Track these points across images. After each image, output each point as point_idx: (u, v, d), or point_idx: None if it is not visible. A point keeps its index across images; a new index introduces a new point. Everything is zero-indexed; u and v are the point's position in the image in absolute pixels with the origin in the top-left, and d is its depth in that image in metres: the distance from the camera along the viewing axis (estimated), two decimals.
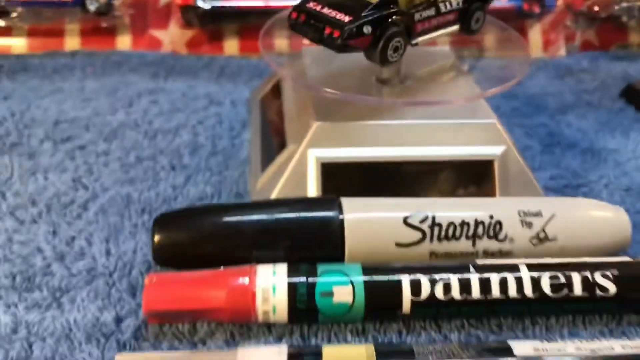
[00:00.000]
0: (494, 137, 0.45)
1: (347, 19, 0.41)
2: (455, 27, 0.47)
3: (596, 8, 0.74)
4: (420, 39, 0.45)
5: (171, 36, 0.72)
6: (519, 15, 0.71)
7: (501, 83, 0.47)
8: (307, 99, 0.47)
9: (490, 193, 0.44)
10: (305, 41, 0.45)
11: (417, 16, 0.44)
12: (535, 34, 0.75)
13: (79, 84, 0.63)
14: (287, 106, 0.50)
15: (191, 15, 0.68)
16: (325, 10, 0.42)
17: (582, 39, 0.76)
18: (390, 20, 0.42)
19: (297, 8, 0.44)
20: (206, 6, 0.67)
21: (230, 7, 0.67)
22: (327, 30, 0.41)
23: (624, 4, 0.71)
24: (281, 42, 0.61)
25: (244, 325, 0.36)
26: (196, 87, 0.64)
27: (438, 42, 0.54)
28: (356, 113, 0.45)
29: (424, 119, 0.45)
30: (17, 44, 0.71)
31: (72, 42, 0.72)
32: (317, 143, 0.43)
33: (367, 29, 0.41)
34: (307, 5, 0.43)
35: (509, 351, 0.31)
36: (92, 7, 0.67)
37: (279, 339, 0.35)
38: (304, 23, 0.43)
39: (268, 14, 0.52)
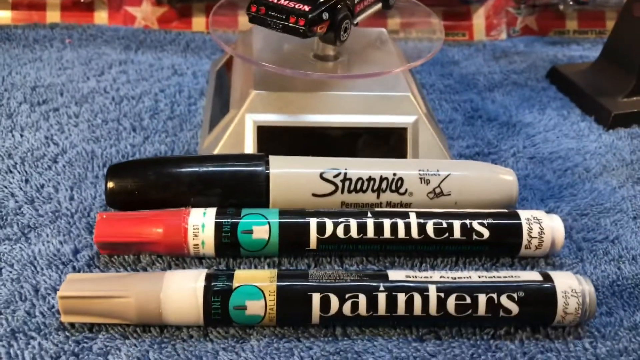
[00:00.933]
0: (408, 108, 0.52)
1: (306, 7, 0.47)
2: (379, 5, 0.54)
3: None
4: (359, 18, 0.52)
5: (144, 13, 0.78)
6: (462, 1, 0.78)
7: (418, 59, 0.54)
8: (250, 72, 0.54)
9: (403, 157, 0.51)
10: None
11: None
12: (479, 18, 0.81)
13: (57, 54, 0.70)
14: (235, 77, 0.57)
15: None
16: (283, 2, 0.48)
17: (522, 24, 0.83)
18: (340, 5, 0.48)
19: (255, 1, 0.48)
20: None
21: None
22: (292, 20, 0.47)
23: None
24: (233, 20, 0.68)
25: (179, 257, 0.43)
26: (163, 59, 0.71)
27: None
28: (290, 85, 0.52)
29: (347, 91, 0.52)
30: (2, 15, 0.78)
31: (53, 16, 0.78)
32: (254, 109, 0.50)
33: (325, 15, 0.47)
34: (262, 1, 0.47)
35: (384, 277, 0.39)
36: None
37: (207, 269, 0.43)
38: (265, 15, 0.48)
39: None
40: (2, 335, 0.37)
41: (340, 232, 0.43)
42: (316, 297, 0.38)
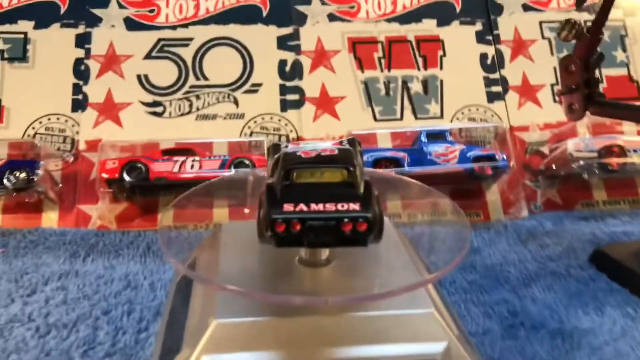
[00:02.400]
0: (433, 330, 0.37)
1: (357, 206, 0.34)
2: None
3: (554, 166, 0.70)
4: None
5: (100, 211, 0.67)
6: (471, 178, 0.67)
7: (445, 259, 0.40)
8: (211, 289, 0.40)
9: None
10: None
11: None
12: (493, 195, 0.70)
13: None
14: (194, 294, 0.43)
15: (118, 189, 0.63)
16: (317, 206, 0.34)
17: (544, 197, 0.71)
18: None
19: (280, 219, 0.33)
20: (132, 179, 0.62)
21: (159, 179, 0.62)
22: (347, 227, 0.33)
23: (581, 162, 0.67)
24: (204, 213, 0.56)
25: None
26: (116, 267, 0.57)
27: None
28: (267, 308, 0.38)
29: (345, 311, 0.37)
30: None
31: None
32: (215, 347, 0.35)
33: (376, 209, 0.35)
34: (288, 209, 0.33)
35: None
36: (9, 184, 0.62)
37: None
38: (303, 231, 0.33)
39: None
40: None
41: None
42: None
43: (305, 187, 0.36)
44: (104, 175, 0.62)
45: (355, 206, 0.34)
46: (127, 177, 0.62)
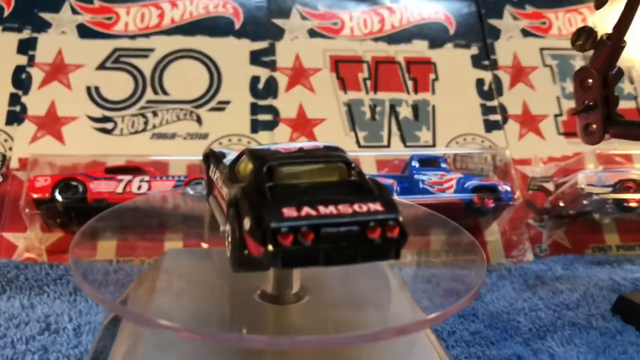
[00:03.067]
0: None
1: (379, 206, 0.25)
2: None
3: (561, 204, 0.61)
4: None
5: (29, 241, 0.56)
6: (468, 211, 0.57)
7: (446, 300, 0.31)
8: (140, 336, 0.29)
9: None
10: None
11: None
12: (493, 235, 0.61)
13: None
14: (119, 337, 0.32)
15: (49, 213, 0.53)
16: (331, 209, 0.25)
17: (550, 239, 0.62)
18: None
19: (284, 228, 0.24)
20: (65, 200, 0.51)
21: (99, 201, 0.52)
22: (374, 233, 0.24)
23: (595, 197, 0.58)
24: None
25: None
26: (35, 307, 0.46)
27: None
28: (218, 355, 0.27)
29: None
30: None
31: None
32: None
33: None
34: (291, 215, 0.24)
35: None
36: None
37: None
38: (316, 241, 0.24)
39: None
40: None
41: None
42: None
43: (298, 188, 0.26)
44: (33, 195, 0.52)
45: (377, 207, 0.25)
46: (59, 197, 0.51)
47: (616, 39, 0.47)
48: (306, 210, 0.24)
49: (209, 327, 0.29)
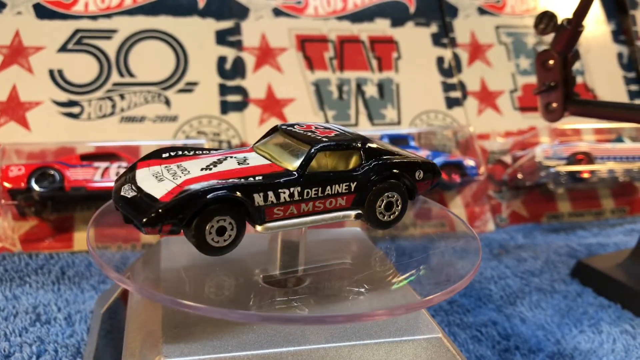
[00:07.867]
0: (442, 357, 0.30)
1: None
2: None
3: (520, 176, 0.65)
4: None
5: (2, 230, 0.55)
6: (436, 186, 0.60)
7: (441, 282, 0.33)
8: (156, 315, 0.30)
9: None
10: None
11: None
12: (458, 207, 0.64)
13: None
14: (130, 326, 0.33)
15: (24, 203, 0.52)
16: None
17: (509, 210, 0.66)
18: None
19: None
20: (43, 189, 0.51)
21: (77, 189, 0.51)
22: None
23: (551, 169, 0.62)
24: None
25: None
26: (20, 298, 0.46)
27: (346, 222, 0.41)
28: (229, 336, 0.29)
29: (331, 342, 0.29)
30: None
31: None
32: None
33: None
34: None
35: None
36: None
37: None
38: None
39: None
40: None
41: None
42: None
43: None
44: (7, 185, 0.50)
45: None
46: (36, 187, 0.50)
47: (575, 24, 0.50)
48: None
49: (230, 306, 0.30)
